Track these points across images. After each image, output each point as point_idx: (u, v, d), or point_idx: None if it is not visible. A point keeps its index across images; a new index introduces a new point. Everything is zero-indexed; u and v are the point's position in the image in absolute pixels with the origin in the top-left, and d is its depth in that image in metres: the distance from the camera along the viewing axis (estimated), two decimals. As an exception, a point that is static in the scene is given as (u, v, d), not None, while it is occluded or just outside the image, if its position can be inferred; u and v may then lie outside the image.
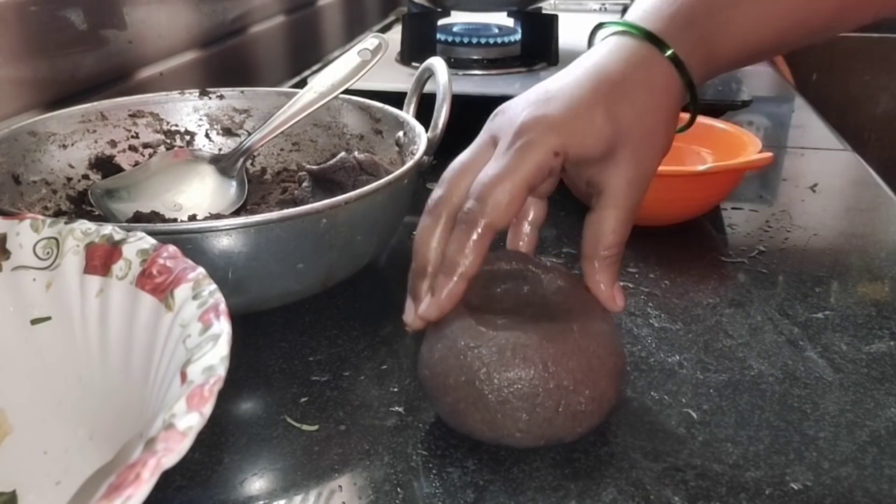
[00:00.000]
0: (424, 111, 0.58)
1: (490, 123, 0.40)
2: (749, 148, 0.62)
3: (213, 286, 0.30)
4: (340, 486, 0.36)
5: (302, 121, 0.57)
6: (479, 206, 0.36)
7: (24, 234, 0.35)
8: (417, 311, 0.38)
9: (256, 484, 0.36)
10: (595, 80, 0.38)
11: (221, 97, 0.64)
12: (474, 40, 0.89)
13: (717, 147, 0.66)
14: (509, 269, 0.41)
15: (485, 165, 0.37)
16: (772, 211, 0.66)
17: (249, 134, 0.61)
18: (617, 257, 0.39)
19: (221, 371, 0.26)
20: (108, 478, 0.21)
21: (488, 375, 0.35)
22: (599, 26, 0.43)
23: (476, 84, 0.83)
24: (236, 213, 0.55)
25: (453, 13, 0.99)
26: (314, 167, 0.56)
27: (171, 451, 0.22)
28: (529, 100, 0.38)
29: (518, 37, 0.91)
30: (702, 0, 0.40)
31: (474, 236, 0.36)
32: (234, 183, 0.57)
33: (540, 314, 0.39)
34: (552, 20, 0.91)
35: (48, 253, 0.35)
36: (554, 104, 0.37)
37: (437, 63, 0.58)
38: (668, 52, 0.39)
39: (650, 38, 0.39)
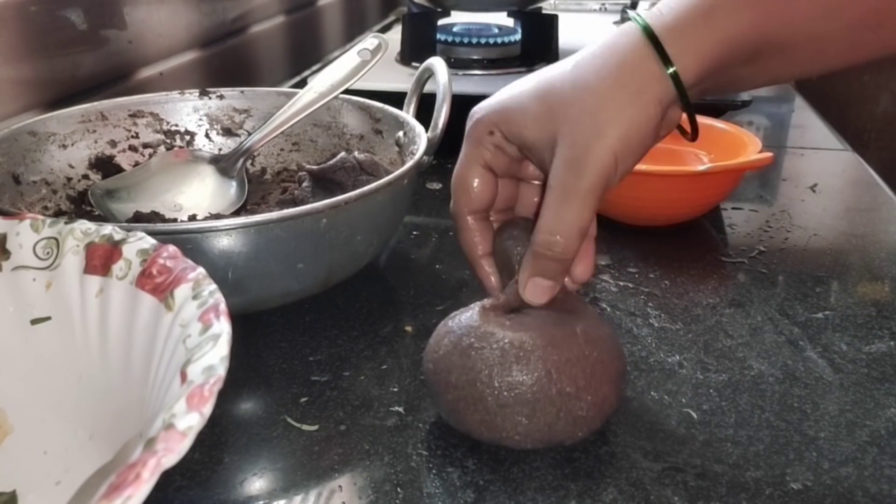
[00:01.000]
0: (424, 111, 0.58)
1: None
2: (749, 148, 0.62)
3: (213, 286, 0.30)
4: (340, 486, 0.36)
5: (302, 121, 0.57)
6: (453, 200, 0.41)
7: (24, 234, 0.35)
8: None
9: (256, 484, 0.36)
10: (553, 67, 0.38)
11: (221, 97, 0.64)
12: (474, 40, 0.89)
13: (717, 147, 0.66)
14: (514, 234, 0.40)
15: None
16: (772, 211, 0.66)
17: (249, 134, 0.61)
18: (542, 252, 0.36)
19: (221, 371, 0.26)
20: (108, 478, 0.21)
21: (490, 378, 0.35)
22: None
23: (476, 84, 0.83)
24: (236, 213, 0.56)
25: (453, 13, 0.99)
26: (314, 167, 0.56)
27: (171, 451, 0.22)
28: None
29: (518, 37, 0.91)
30: None
31: (464, 225, 0.41)
32: (234, 183, 0.57)
33: (545, 312, 0.38)
34: (552, 20, 0.91)
35: (48, 253, 0.35)
36: (502, 93, 0.39)
37: (437, 63, 0.58)
38: (671, 70, 0.35)
39: (658, 46, 0.35)
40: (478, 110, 0.40)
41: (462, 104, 0.59)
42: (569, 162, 0.35)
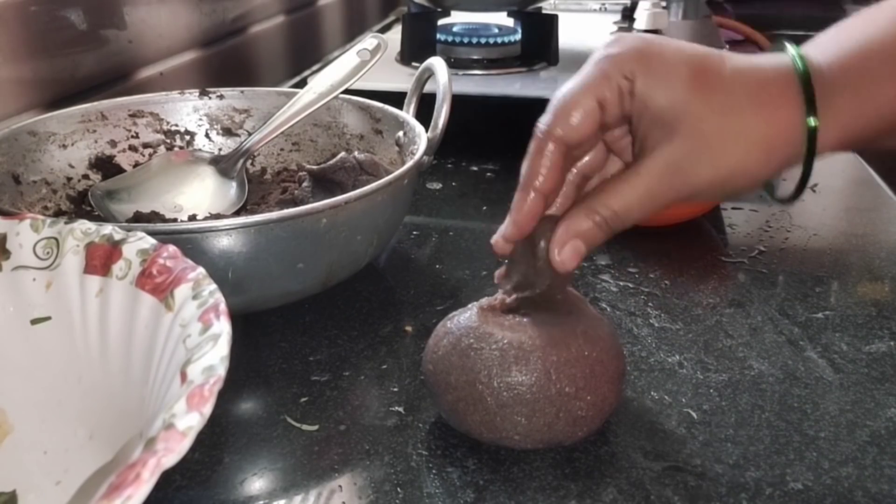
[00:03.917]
0: (424, 111, 0.58)
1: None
2: (749, 148, 0.62)
3: (213, 286, 0.30)
4: (340, 486, 0.36)
5: (302, 121, 0.57)
6: (546, 117, 0.35)
7: (24, 234, 0.35)
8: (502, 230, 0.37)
9: (256, 484, 0.36)
10: (714, 54, 0.35)
11: (221, 97, 0.64)
12: (474, 40, 0.89)
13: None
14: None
15: None
16: (772, 211, 0.66)
17: (249, 134, 0.61)
18: (596, 212, 0.35)
19: (221, 371, 0.26)
20: (108, 478, 0.21)
21: (489, 378, 0.35)
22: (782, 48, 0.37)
23: (476, 84, 0.83)
24: (236, 213, 0.56)
25: (453, 13, 0.99)
26: (314, 167, 0.56)
27: (171, 451, 0.22)
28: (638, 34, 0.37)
29: (518, 37, 0.91)
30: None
31: (542, 147, 0.35)
32: (234, 184, 0.57)
33: (544, 311, 0.38)
34: (552, 20, 0.91)
35: (48, 253, 0.35)
36: (658, 39, 0.35)
37: (437, 63, 0.58)
38: (812, 123, 0.34)
39: (809, 96, 0.34)
40: (622, 44, 0.35)
41: (462, 104, 0.59)
42: (673, 163, 0.34)
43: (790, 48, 0.35)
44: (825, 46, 0.35)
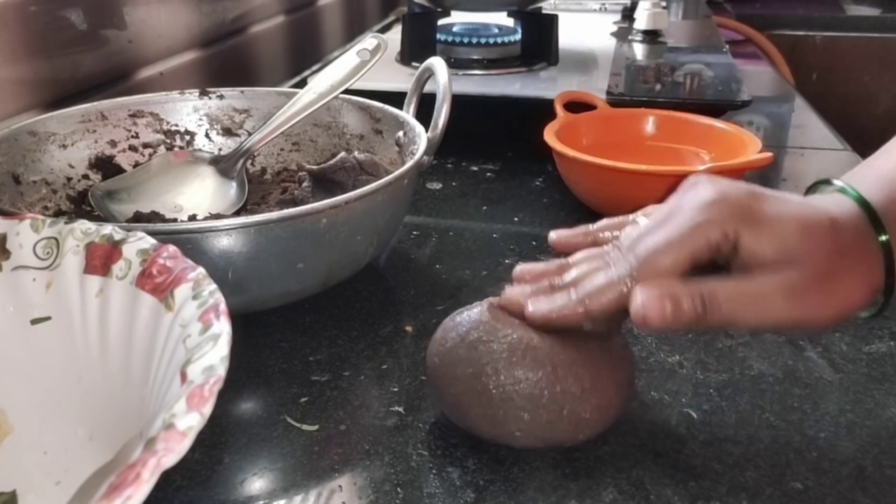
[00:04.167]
0: (424, 111, 0.58)
1: (683, 193, 0.37)
2: (749, 148, 0.62)
3: (213, 286, 0.30)
4: (340, 486, 0.36)
5: (302, 121, 0.57)
6: (638, 265, 0.35)
7: (24, 234, 0.35)
8: (527, 300, 0.37)
9: (256, 484, 0.36)
10: (812, 205, 0.36)
11: (221, 97, 0.64)
12: (474, 40, 0.89)
13: (717, 147, 0.66)
14: None
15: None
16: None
17: (249, 134, 0.61)
18: (693, 292, 0.34)
19: (221, 371, 0.26)
20: (108, 478, 0.21)
21: (495, 371, 0.36)
22: (825, 182, 0.39)
23: (476, 84, 0.83)
24: (236, 213, 0.56)
25: (453, 13, 0.99)
26: (314, 167, 0.56)
27: (171, 451, 0.22)
28: (733, 182, 0.36)
29: (518, 37, 0.91)
30: None
31: (621, 288, 0.34)
32: (234, 184, 0.57)
33: None
34: (552, 20, 0.91)
35: (48, 253, 0.35)
36: (759, 194, 0.35)
37: (437, 63, 0.58)
38: (883, 238, 0.35)
39: (872, 215, 0.36)
40: (723, 202, 0.35)
41: (462, 104, 0.59)
42: (789, 285, 0.34)
43: (851, 192, 0.37)
44: (874, 183, 0.37)
